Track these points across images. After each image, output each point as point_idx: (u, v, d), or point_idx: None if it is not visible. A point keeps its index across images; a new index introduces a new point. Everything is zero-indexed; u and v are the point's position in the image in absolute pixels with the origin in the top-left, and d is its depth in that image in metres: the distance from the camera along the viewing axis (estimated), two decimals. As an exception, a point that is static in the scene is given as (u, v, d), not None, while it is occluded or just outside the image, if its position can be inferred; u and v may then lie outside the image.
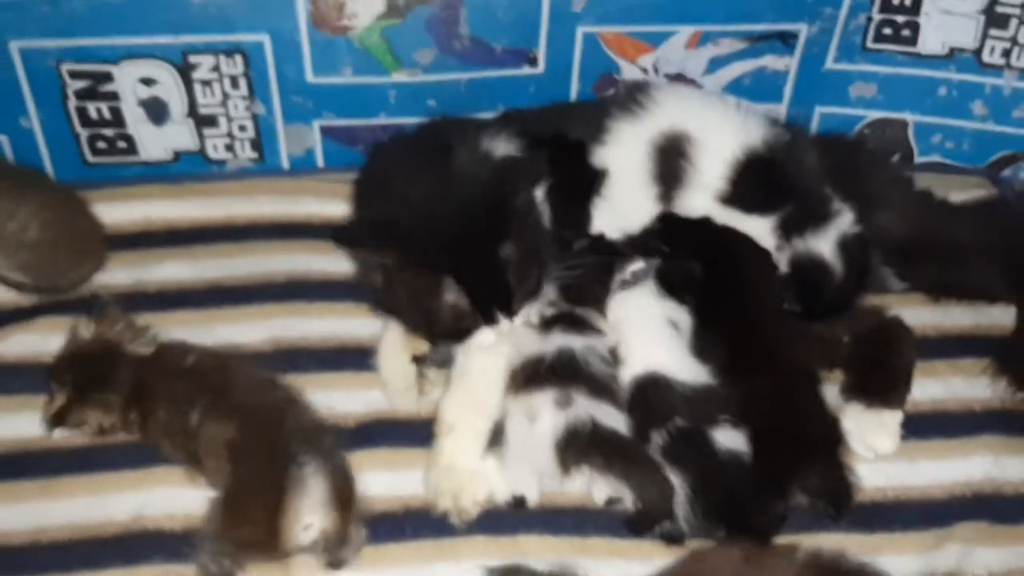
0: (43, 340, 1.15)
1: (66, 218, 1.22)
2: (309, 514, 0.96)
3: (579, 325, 1.11)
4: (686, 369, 1.09)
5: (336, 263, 1.26)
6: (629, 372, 1.09)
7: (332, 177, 1.38)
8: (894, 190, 1.31)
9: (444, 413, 1.09)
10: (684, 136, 1.22)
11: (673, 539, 1.02)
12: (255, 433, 1.00)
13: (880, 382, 1.15)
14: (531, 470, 1.05)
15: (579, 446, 1.02)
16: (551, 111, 1.31)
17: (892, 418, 1.13)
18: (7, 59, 1.22)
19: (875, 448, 1.12)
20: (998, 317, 1.26)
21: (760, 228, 1.19)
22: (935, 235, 1.27)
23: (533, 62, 1.32)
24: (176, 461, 1.05)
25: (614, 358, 1.10)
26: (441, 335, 1.09)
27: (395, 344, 1.15)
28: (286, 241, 1.30)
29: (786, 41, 1.35)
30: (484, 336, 1.06)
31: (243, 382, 1.06)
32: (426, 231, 1.02)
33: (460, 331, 1.07)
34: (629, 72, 1.35)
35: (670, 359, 1.09)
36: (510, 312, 1.05)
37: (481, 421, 1.08)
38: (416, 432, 1.11)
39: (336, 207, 1.32)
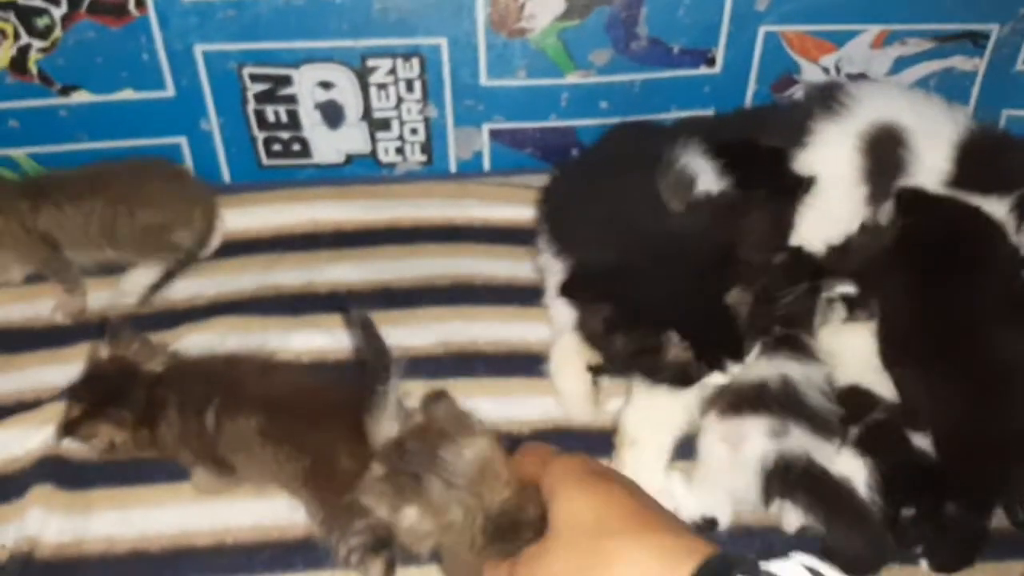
0: (219, 338, 1.14)
1: (136, 204, 1.19)
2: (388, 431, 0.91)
3: (800, 351, 1.04)
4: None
5: (501, 267, 1.24)
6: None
7: (496, 180, 1.35)
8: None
9: (626, 424, 1.03)
10: (897, 126, 1.15)
11: None
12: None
13: None
14: (726, 494, 0.99)
15: (789, 480, 0.96)
16: (734, 118, 1.26)
17: None
18: (191, 62, 1.22)
19: None
20: None
21: (996, 210, 1.11)
22: None
23: (711, 62, 1.27)
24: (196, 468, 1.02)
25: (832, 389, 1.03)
26: (665, 382, 1.01)
27: (570, 352, 1.10)
28: (450, 244, 1.27)
29: (976, 42, 1.28)
30: (713, 379, 1.00)
31: (253, 372, 1.03)
32: (645, 285, 0.96)
33: (686, 378, 1.00)
34: (809, 72, 1.29)
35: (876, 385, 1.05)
36: (740, 359, 0.99)
37: (666, 436, 1.03)
38: (594, 441, 1.05)
39: (500, 211, 1.30)
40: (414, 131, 1.32)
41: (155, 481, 1.03)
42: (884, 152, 1.15)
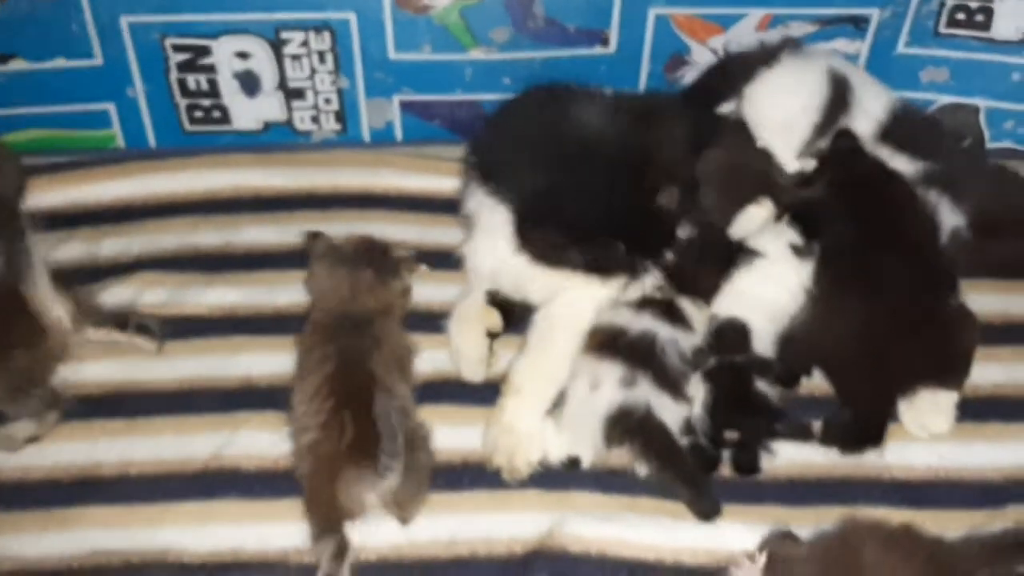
0: (138, 292, 1.22)
1: None
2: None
3: (673, 316, 1.12)
4: (766, 340, 1.12)
5: (410, 233, 1.29)
6: (722, 311, 1.13)
7: (409, 151, 1.41)
8: (970, 167, 1.32)
9: (514, 375, 1.11)
10: (848, 76, 1.27)
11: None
12: None
13: (937, 364, 1.12)
14: (584, 433, 1.06)
15: (627, 427, 1.04)
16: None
17: (947, 399, 1.11)
18: (117, 33, 1.29)
19: (928, 428, 1.10)
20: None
21: (903, 167, 1.23)
22: (1011, 208, 1.26)
23: (605, 42, 1.33)
24: None
25: (693, 357, 1.11)
26: (616, 274, 1.13)
27: (471, 317, 1.17)
28: (364, 211, 1.33)
29: (857, 25, 1.34)
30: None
31: None
32: (586, 204, 1.07)
33: (633, 270, 1.13)
34: (698, 53, 1.35)
35: (761, 327, 1.12)
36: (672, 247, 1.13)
37: (549, 388, 1.10)
38: (478, 392, 1.13)
39: (413, 181, 1.36)
40: (328, 101, 1.38)
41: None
42: (839, 92, 1.25)
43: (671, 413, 1.06)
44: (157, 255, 1.27)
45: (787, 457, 1.08)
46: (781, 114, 1.25)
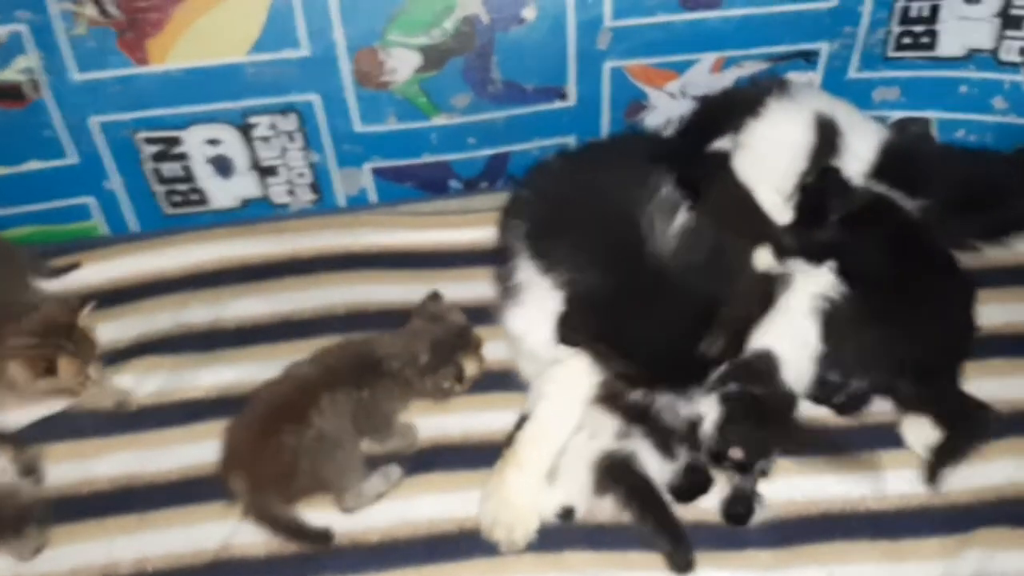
0: (138, 380, 1.22)
1: None
2: None
3: None
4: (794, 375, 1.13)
5: (394, 292, 1.30)
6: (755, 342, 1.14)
7: (385, 210, 1.42)
8: (932, 157, 1.34)
9: (520, 449, 1.09)
10: (835, 118, 1.26)
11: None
12: None
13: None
14: (579, 481, 1.07)
15: (612, 472, 1.06)
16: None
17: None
18: (88, 132, 1.28)
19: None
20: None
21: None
22: (981, 180, 1.30)
23: (564, 97, 1.32)
24: None
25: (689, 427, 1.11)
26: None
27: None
28: (347, 272, 1.33)
29: (808, 58, 1.33)
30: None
31: None
32: (636, 329, 1.08)
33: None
34: (657, 98, 1.34)
35: (795, 365, 1.13)
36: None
37: (550, 461, 1.09)
38: (470, 458, 1.14)
39: (392, 237, 1.36)
40: (301, 174, 1.38)
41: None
42: (826, 137, 1.25)
43: (657, 467, 1.07)
44: (152, 336, 1.27)
45: (768, 498, 1.09)
46: (768, 165, 1.24)
